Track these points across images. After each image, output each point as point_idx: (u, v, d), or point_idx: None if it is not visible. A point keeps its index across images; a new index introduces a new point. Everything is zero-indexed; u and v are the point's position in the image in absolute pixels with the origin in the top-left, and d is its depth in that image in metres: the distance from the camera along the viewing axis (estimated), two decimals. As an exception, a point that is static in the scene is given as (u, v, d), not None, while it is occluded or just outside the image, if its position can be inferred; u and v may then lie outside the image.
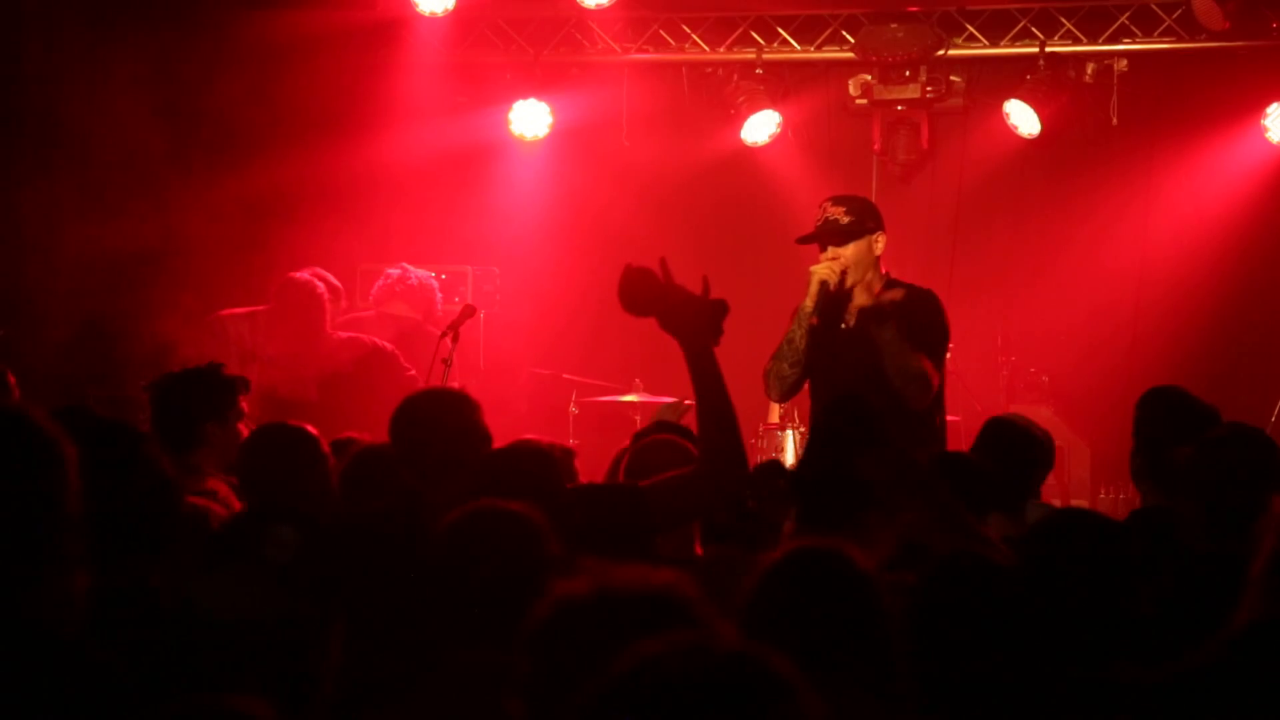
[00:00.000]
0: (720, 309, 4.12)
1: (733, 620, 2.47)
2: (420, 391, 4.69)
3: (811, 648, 1.93)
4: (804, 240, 6.41)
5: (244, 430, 5.39)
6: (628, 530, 3.79)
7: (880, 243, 6.31)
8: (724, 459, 3.98)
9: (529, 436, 4.91)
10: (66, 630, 2.60)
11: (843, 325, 6.30)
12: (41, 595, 2.60)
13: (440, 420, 4.23)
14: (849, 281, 6.24)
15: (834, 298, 6.23)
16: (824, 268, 6.23)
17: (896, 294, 6.14)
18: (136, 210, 9.34)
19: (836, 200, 6.36)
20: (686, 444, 4.70)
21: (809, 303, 6.24)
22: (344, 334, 8.02)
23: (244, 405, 5.43)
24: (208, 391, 5.31)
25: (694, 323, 4.06)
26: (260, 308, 7.99)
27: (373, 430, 4.74)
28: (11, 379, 6.02)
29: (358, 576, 3.47)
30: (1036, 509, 5.27)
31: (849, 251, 6.25)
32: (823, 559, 2.76)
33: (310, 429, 4.54)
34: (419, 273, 8.73)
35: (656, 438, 5.06)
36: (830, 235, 6.27)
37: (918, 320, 6.16)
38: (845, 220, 6.26)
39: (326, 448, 4.66)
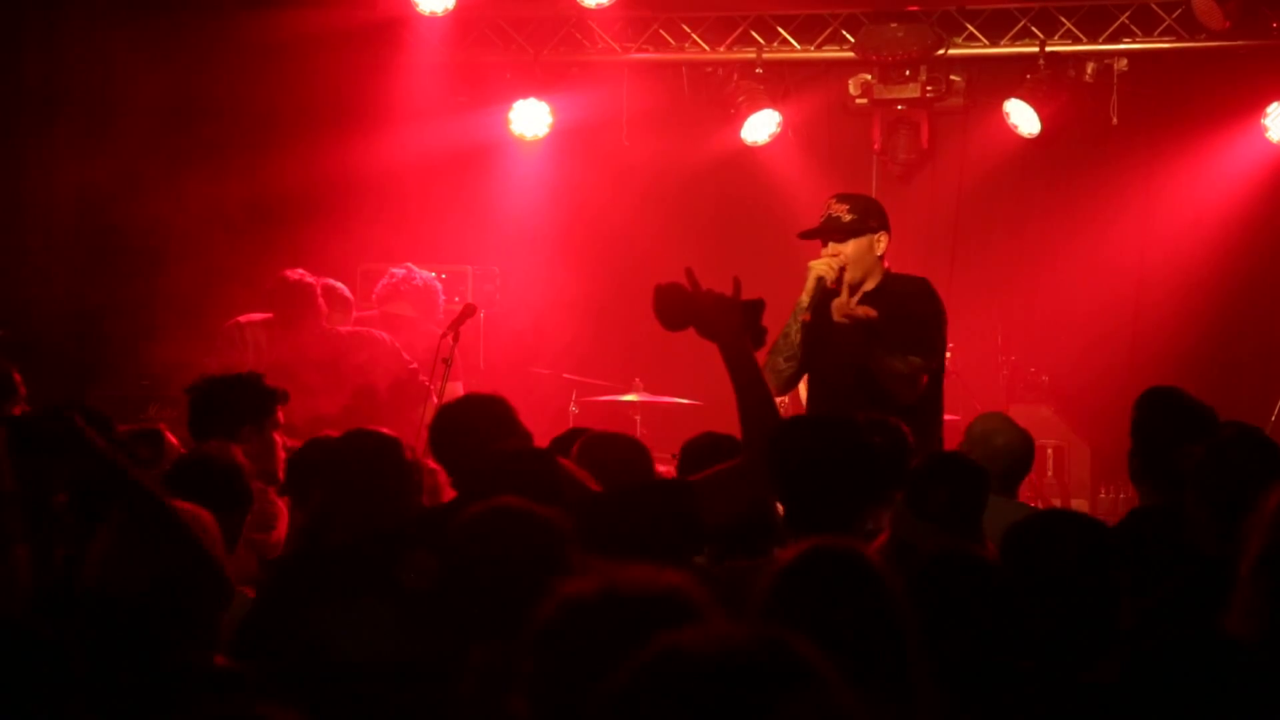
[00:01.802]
0: (756, 308, 4.20)
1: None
2: (459, 399, 4.70)
3: (826, 646, 1.93)
4: (806, 235, 6.42)
5: (279, 442, 5.43)
6: (675, 526, 3.79)
7: (882, 242, 6.32)
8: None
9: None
10: (10, 603, 2.60)
11: (838, 320, 6.30)
12: None
13: (479, 425, 4.26)
14: (847, 279, 6.25)
15: (830, 294, 6.26)
16: (822, 263, 6.26)
17: (870, 310, 6.11)
18: (137, 210, 9.34)
19: (841, 198, 6.39)
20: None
21: (805, 298, 6.26)
22: (345, 329, 7.99)
23: (281, 416, 5.47)
24: (248, 396, 5.37)
25: (728, 324, 4.14)
26: (275, 315, 7.98)
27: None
28: (17, 377, 6.04)
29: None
30: (1016, 510, 5.28)
31: (849, 249, 6.27)
32: (837, 558, 2.77)
33: (393, 434, 4.47)
34: (423, 273, 8.72)
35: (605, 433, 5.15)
36: (831, 232, 6.29)
37: (909, 311, 6.16)
38: (847, 218, 6.29)
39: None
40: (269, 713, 2.02)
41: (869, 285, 6.31)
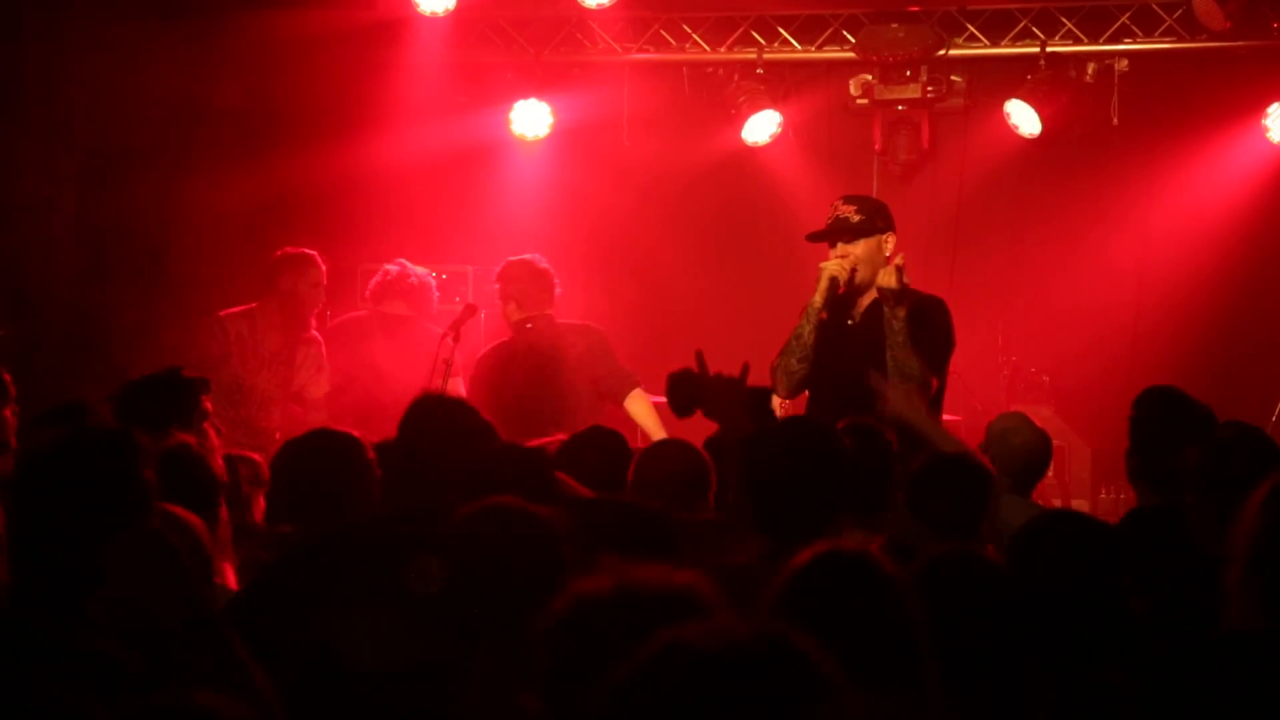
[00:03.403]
0: (763, 395, 4.37)
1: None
2: (425, 396, 4.69)
3: (838, 650, 1.93)
4: (814, 237, 6.45)
5: (211, 432, 5.40)
6: (645, 546, 3.78)
7: (890, 243, 6.39)
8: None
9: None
10: None
11: (849, 322, 6.35)
12: None
13: (449, 423, 4.25)
14: (858, 279, 6.30)
15: (842, 295, 6.31)
16: (834, 264, 6.30)
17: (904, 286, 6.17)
18: (136, 210, 9.34)
19: (848, 199, 6.44)
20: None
21: (818, 298, 6.29)
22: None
23: (208, 405, 5.45)
24: (170, 395, 5.33)
25: (731, 410, 4.37)
26: (255, 305, 8.02)
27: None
28: (7, 378, 6.02)
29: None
30: (1029, 509, 5.28)
31: (859, 249, 6.32)
32: (849, 562, 2.77)
33: (355, 434, 4.47)
34: (417, 270, 8.70)
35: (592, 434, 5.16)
36: (841, 233, 6.34)
37: (924, 326, 6.20)
38: (856, 219, 6.34)
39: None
40: (209, 701, 1.99)
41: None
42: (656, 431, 7.36)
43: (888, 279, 6.19)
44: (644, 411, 7.67)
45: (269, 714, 2.85)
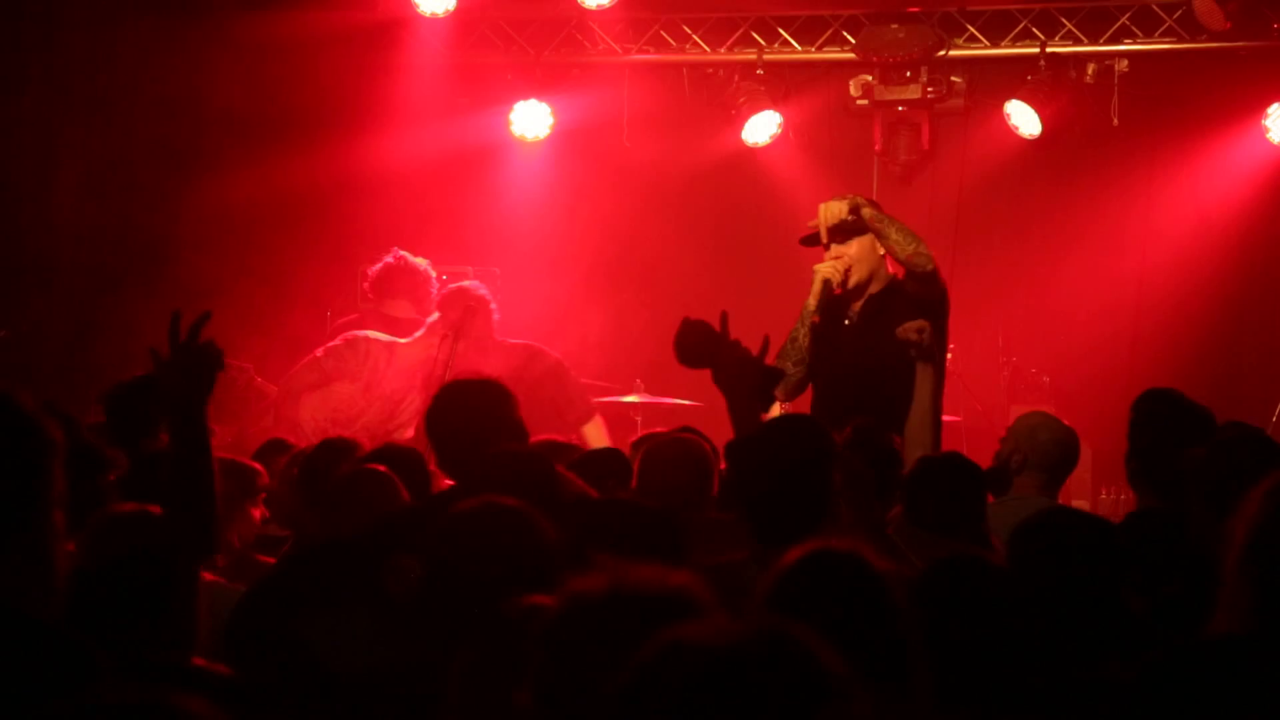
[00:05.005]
0: (773, 377, 4.30)
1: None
2: (457, 382, 4.67)
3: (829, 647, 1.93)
4: (807, 241, 6.42)
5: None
6: (650, 552, 3.79)
7: None
8: None
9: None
10: (47, 612, 2.56)
11: (846, 322, 6.33)
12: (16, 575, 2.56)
13: (476, 413, 4.25)
14: (852, 279, 6.27)
15: (837, 296, 6.28)
16: (828, 266, 6.27)
17: (922, 325, 6.11)
18: (136, 212, 9.34)
19: (838, 199, 6.39)
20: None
21: (812, 301, 6.27)
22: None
23: None
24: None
25: (744, 385, 4.25)
26: (404, 345, 7.92)
27: None
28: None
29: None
30: (1025, 506, 5.27)
31: (852, 249, 6.29)
32: (840, 560, 2.76)
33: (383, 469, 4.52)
34: (416, 261, 8.60)
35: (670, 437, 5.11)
36: (833, 233, 6.28)
37: (921, 306, 6.21)
38: (848, 218, 6.30)
39: None
40: (182, 703, 1.98)
41: (875, 287, 6.32)
42: None
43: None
44: None
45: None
